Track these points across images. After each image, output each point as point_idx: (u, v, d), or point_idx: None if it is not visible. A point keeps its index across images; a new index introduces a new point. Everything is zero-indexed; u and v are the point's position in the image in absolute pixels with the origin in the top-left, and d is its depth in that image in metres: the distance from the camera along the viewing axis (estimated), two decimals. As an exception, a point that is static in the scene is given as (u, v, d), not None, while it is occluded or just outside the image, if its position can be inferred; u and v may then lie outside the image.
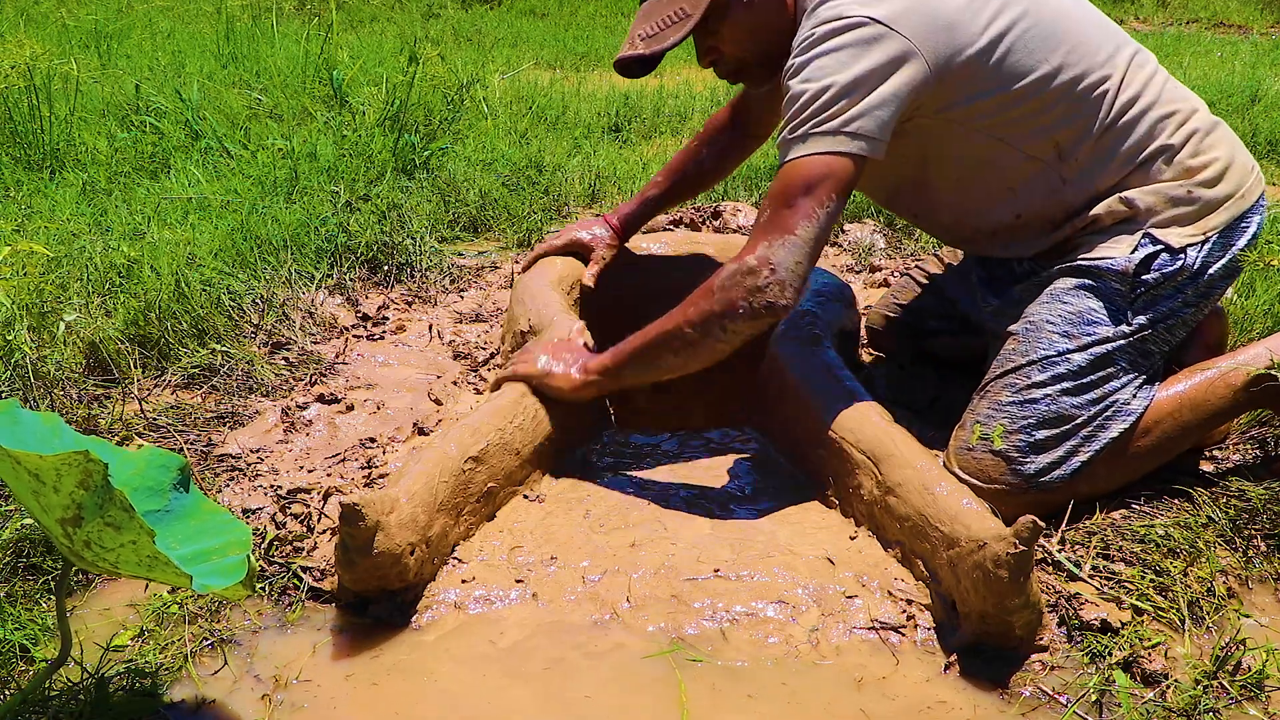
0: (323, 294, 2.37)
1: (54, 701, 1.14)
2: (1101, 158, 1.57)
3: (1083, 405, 1.54)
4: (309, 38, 4.76)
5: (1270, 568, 1.48)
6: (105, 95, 3.75)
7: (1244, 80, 5.30)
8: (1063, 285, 1.59)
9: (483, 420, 1.53)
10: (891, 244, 2.98)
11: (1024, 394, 1.55)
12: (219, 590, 1.04)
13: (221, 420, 1.82)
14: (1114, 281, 1.56)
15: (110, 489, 0.95)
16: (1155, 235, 1.55)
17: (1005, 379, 1.58)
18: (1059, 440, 1.53)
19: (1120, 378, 1.56)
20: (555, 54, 6.32)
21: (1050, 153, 1.57)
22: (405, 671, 1.24)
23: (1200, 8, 9.78)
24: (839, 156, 1.44)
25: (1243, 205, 1.60)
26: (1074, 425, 1.53)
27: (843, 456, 1.53)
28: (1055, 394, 1.53)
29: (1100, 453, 1.54)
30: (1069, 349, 1.54)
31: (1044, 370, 1.55)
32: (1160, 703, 1.20)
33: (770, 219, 1.47)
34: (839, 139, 1.44)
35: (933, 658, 1.28)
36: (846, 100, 1.43)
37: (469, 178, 3.24)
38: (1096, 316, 1.55)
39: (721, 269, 1.50)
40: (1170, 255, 1.55)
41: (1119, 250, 1.56)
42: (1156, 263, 1.55)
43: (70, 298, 2.02)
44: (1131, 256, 1.54)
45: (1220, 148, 1.60)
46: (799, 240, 1.45)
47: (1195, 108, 1.62)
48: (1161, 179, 1.57)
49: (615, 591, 1.35)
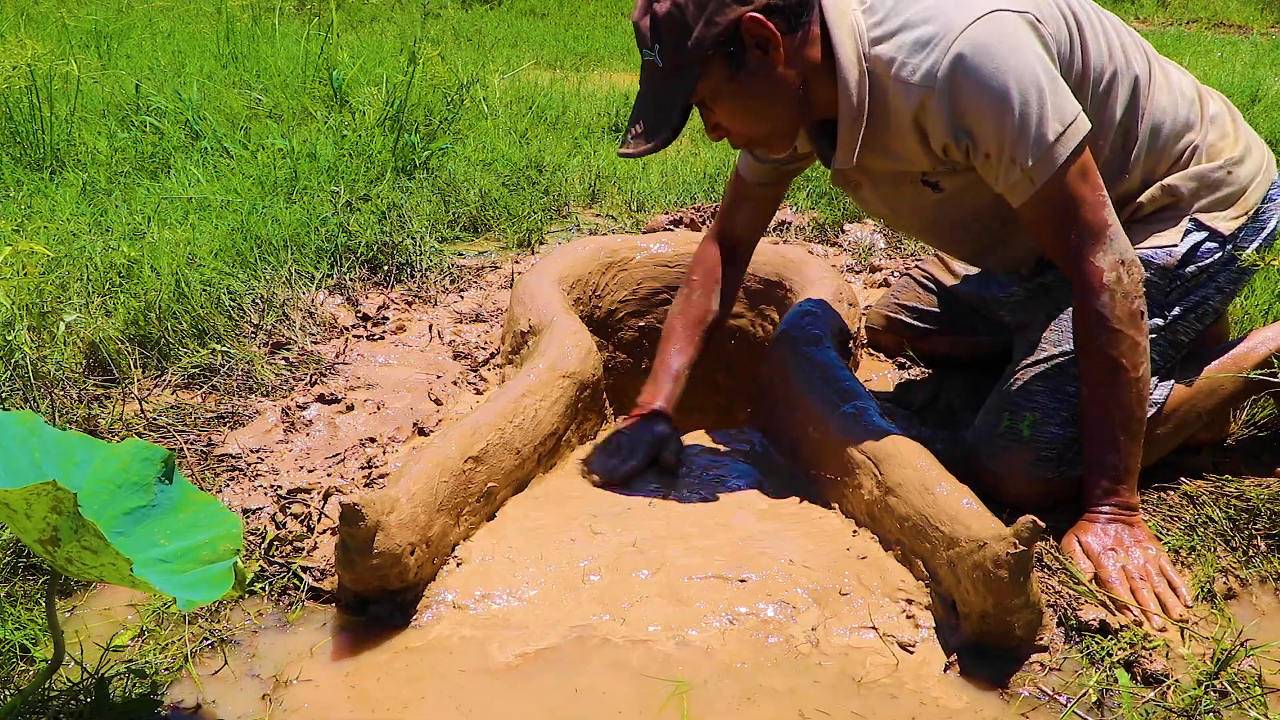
0: (323, 294, 2.37)
1: (54, 702, 1.14)
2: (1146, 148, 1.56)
3: None
4: (309, 38, 4.76)
5: (1270, 568, 1.48)
6: (105, 95, 3.75)
7: (1244, 80, 5.30)
8: None
9: (483, 420, 1.53)
10: (891, 244, 2.98)
11: (1058, 390, 1.55)
12: (206, 602, 1.04)
13: (221, 420, 1.82)
14: (1153, 275, 1.54)
15: (82, 518, 0.93)
16: (1202, 221, 1.55)
17: (1037, 369, 1.57)
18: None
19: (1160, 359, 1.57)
20: (555, 54, 6.33)
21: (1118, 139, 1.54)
22: (405, 672, 1.24)
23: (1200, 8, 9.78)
24: (1079, 152, 1.38)
25: (1270, 177, 1.61)
26: None
27: (843, 456, 1.53)
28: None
29: None
30: None
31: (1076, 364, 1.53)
32: (1161, 703, 1.20)
33: (1082, 232, 1.40)
34: (1075, 129, 1.37)
35: (933, 658, 1.28)
36: (1053, 94, 1.35)
37: (469, 178, 3.24)
38: None
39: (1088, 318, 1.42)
40: (1218, 241, 1.55)
41: (1167, 239, 1.54)
42: (1201, 250, 1.54)
43: (70, 298, 2.02)
44: (1179, 246, 1.54)
45: (1240, 124, 1.63)
46: (1116, 224, 1.41)
47: (1207, 90, 1.65)
48: (1198, 163, 1.57)
49: (615, 591, 1.35)
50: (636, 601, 1.34)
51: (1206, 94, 1.64)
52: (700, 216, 3.01)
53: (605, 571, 1.38)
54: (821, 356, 1.72)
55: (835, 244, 3.01)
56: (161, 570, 1.09)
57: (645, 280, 2.24)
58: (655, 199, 3.34)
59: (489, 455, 1.50)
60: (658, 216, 3.05)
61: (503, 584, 1.37)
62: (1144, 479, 1.62)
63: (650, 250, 2.25)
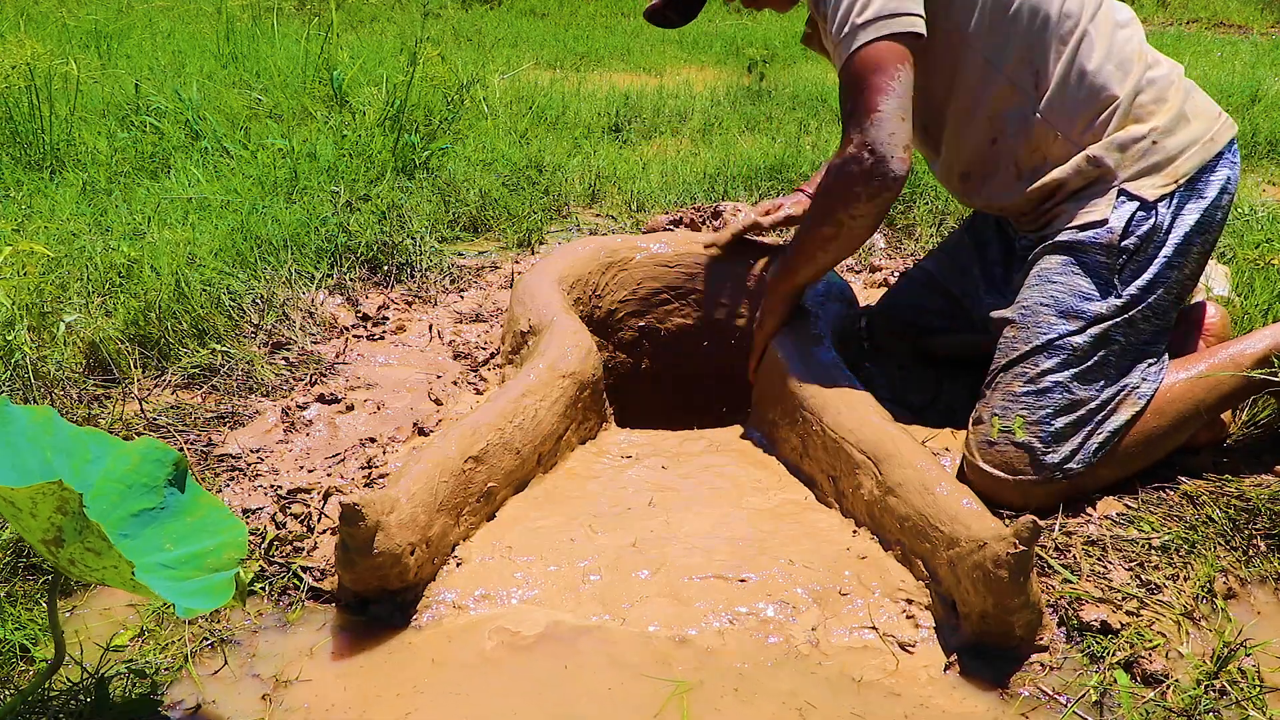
0: (323, 294, 2.37)
1: (54, 701, 1.14)
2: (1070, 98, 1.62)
3: (1095, 391, 1.57)
4: (309, 38, 4.76)
5: (1270, 568, 1.48)
6: (105, 95, 3.75)
7: (1244, 80, 5.30)
8: (1049, 265, 1.63)
9: (483, 420, 1.53)
10: (891, 244, 2.98)
11: (1036, 383, 1.58)
12: (205, 610, 1.03)
13: (221, 420, 1.82)
14: (1098, 254, 1.59)
15: (86, 519, 0.94)
16: (1129, 190, 1.59)
17: (1014, 369, 1.61)
18: (1076, 427, 1.56)
19: (1125, 359, 1.59)
20: (555, 54, 6.33)
21: (1029, 79, 1.62)
22: (405, 672, 1.24)
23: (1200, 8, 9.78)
24: (892, 39, 1.53)
25: (1210, 150, 1.62)
26: (1088, 411, 1.56)
27: (843, 456, 1.53)
28: (1067, 380, 1.57)
29: (1118, 437, 1.57)
30: (1069, 331, 1.58)
31: (1050, 356, 1.58)
32: (1161, 703, 1.20)
33: (854, 108, 1.56)
34: (888, 22, 1.53)
35: (933, 658, 1.28)
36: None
37: (469, 178, 3.24)
38: (1088, 293, 1.58)
39: (829, 167, 1.60)
40: (1145, 210, 1.59)
41: (1098, 213, 1.60)
42: (1135, 220, 1.58)
43: (70, 298, 2.02)
44: (1114, 222, 1.58)
45: (1189, 97, 1.65)
46: (886, 114, 1.53)
47: (1158, 60, 1.67)
48: (1123, 129, 1.61)
49: (615, 591, 1.35)
50: (636, 601, 1.34)
51: (1155, 58, 1.67)
52: (700, 217, 3.00)
53: (605, 571, 1.38)
54: (821, 356, 1.72)
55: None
56: (164, 576, 1.09)
57: (645, 280, 2.24)
58: (655, 199, 3.34)
59: (489, 455, 1.50)
60: (658, 216, 3.04)
61: (503, 584, 1.37)
62: (1144, 478, 1.63)
63: (650, 250, 2.25)
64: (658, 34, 7.17)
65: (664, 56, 6.58)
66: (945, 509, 1.33)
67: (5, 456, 1.07)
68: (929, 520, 1.34)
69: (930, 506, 1.35)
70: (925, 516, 1.35)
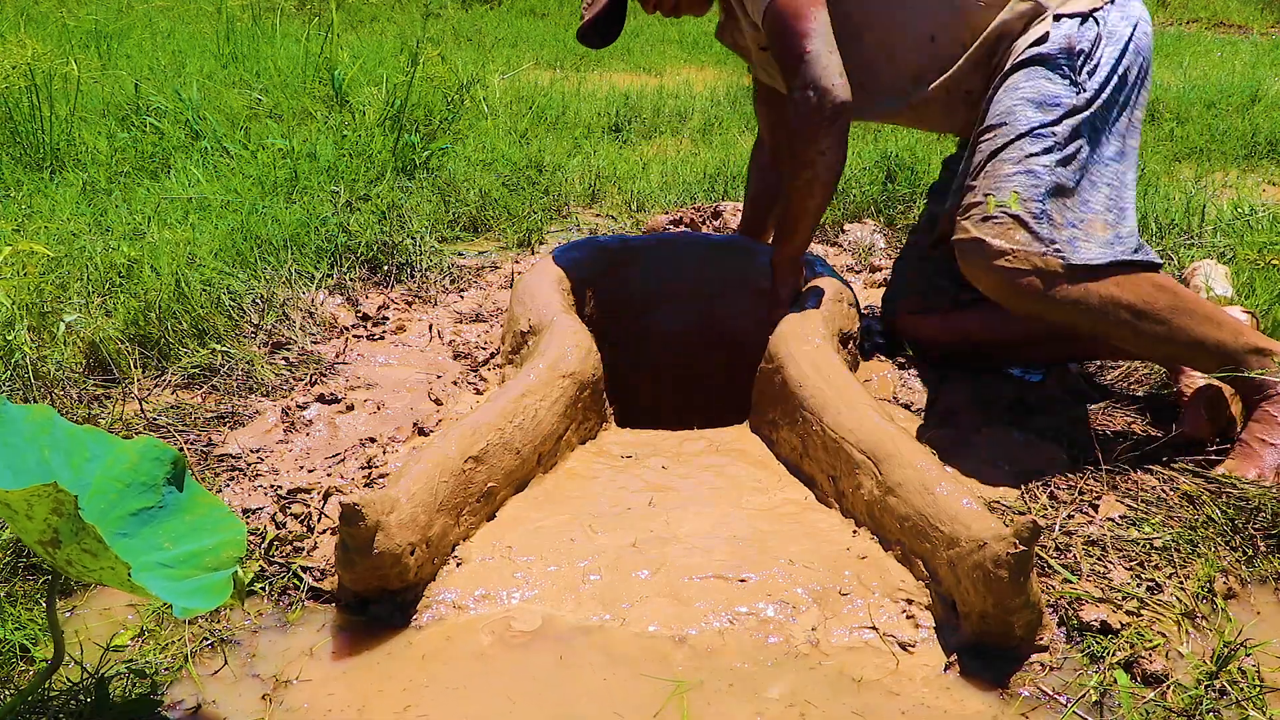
0: (323, 294, 2.37)
1: (54, 701, 1.14)
2: None
3: (1073, 175, 1.66)
4: (309, 38, 4.76)
5: (1270, 567, 1.48)
6: (105, 95, 3.75)
7: (1244, 80, 5.30)
8: (1015, 79, 1.75)
9: (483, 420, 1.53)
10: (892, 244, 2.98)
11: (1025, 165, 1.66)
12: (203, 610, 1.03)
13: (221, 420, 1.82)
14: (1059, 58, 1.72)
15: (82, 521, 0.93)
16: (1064, 13, 1.75)
17: (1000, 155, 1.70)
18: (1062, 213, 1.64)
19: (1095, 149, 1.70)
20: (555, 54, 6.33)
21: None
22: (405, 672, 1.24)
23: (1200, 8, 9.77)
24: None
25: None
26: (1073, 198, 1.66)
27: (843, 456, 1.53)
28: (1052, 165, 1.66)
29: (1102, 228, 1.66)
30: (1048, 121, 1.68)
31: (1035, 142, 1.67)
32: (1161, 703, 1.20)
33: (784, 57, 1.76)
34: None
35: (933, 658, 1.28)
36: None
37: (469, 178, 3.24)
38: (1057, 90, 1.71)
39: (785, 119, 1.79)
40: (1084, 20, 1.74)
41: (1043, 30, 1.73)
42: (1080, 31, 1.73)
43: (70, 298, 2.02)
44: (1063, 31, 1.72)
45: None
46: (814, 53, 1.72)
47: None
48: None
49: (615, 591, 1.35)
50: (636, 601, 1.34)
51: None
52: (700, 216, 3.00)
53: (605, 571, 1.38)
54: (821, 356, 1.72)
55: (835, 244, 3.02)
56: (162, 575, 1.09)
57: (646, 279, 2.24)
58: (655, 199, 3.34)
59: (489, 455, 1.50)
60: (658, 216, 3.05)
61: (503, 584, 1.37)
62: (1145, 477, 1.62)
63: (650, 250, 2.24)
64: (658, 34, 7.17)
65: (664, 56, 6.59)
66: (945, 509, 1.33)
67: (2, 456, 1.07)
68: (929, 520, 1.34)
69: (930, 506, 1.35)
70: (925, 516, 1.35)
